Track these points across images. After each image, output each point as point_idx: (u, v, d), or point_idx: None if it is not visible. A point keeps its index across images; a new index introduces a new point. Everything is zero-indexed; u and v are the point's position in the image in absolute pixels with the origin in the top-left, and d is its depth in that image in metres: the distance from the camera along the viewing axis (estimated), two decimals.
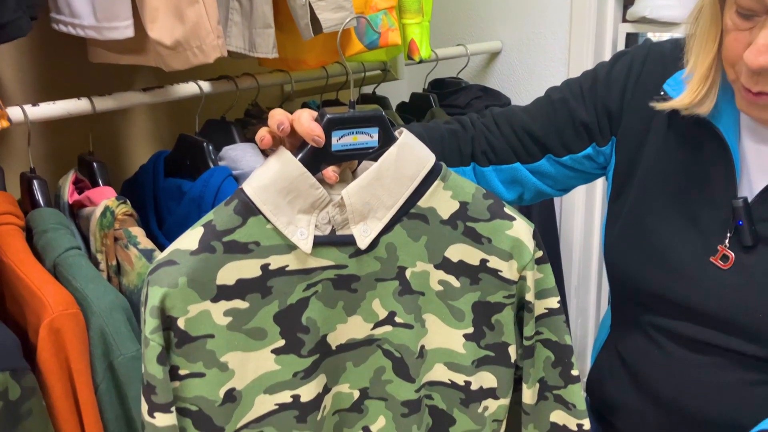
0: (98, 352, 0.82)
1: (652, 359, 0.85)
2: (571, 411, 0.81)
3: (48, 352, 0.78)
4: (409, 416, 0.77)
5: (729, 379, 0.78)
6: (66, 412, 0.79)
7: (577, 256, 1.46)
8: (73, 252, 0.90)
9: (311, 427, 0.74)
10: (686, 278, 0.80)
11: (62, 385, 0.79)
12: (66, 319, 0.78)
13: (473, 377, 0.79)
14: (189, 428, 0.68)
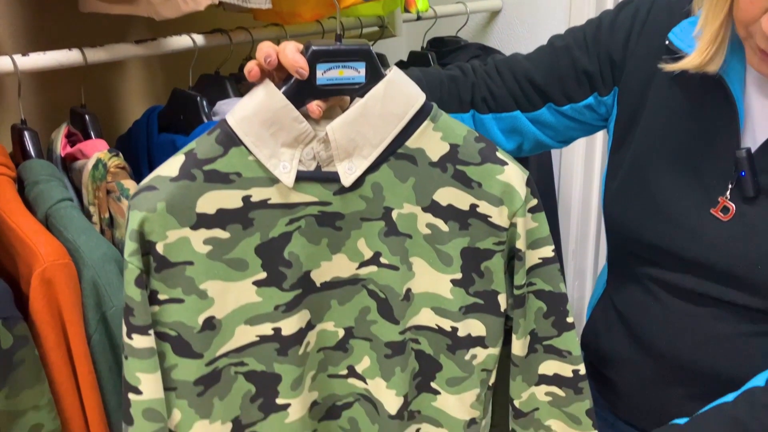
0: (91, 303, 0.82)
1: (648, 311, 0.84)
2: (566, 358, 0.80)
3: (40, 302, 0.78)
4: (392, 357, 0.77)
5: (726, 331, 0.78)
6: (59, 363, 0.79)
7: (575, 219, 1.44)
8: (65, 203, 0.90)
9: (293, 361, 0.73)
10: (686, 230, 0.79)
11: (55, 335, 0.79)
12: (58, 270, 0.78)
13: (460, 324, 0.78)
14: (168, 353, 0.68)
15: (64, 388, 0.80)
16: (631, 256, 0.86)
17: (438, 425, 0.83)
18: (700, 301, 0.79)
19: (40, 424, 0.75)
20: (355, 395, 0.81)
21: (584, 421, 0.82)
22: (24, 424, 0.74)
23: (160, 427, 0.69)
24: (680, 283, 0.80)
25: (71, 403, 0.80)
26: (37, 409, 0.75)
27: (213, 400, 0.71)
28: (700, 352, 0.79)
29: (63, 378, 0.80)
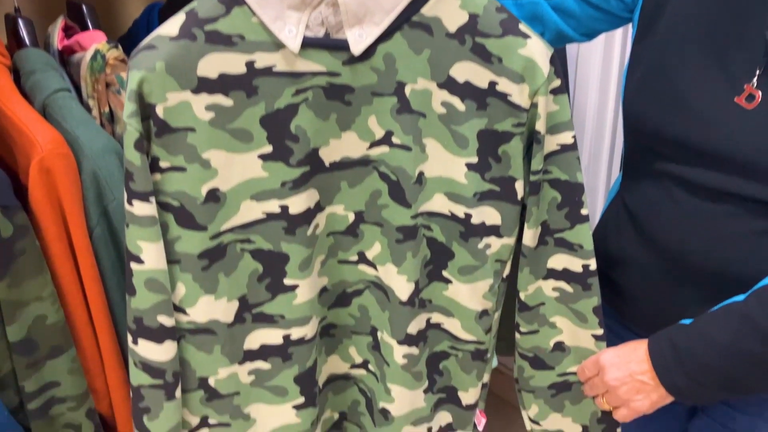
0: (91, 196, 0.80)
1: (661, 210, 0.81)
2: (576, 252, 0.78)
3: (39, 192, 0.76)
4: (403, 242, 0.74)
5: (741, 229, 0.75)
6: (61, 256, 0.78)
7: (589, 134, 1.40)
8: (63, 94, 0.86)
9: (301, 241, 0.71)
10: (708, 120, 0.75)
11: (56, 227, 0.77)
12: (56, 159, 0.75)
13: (474, 210, 0.75)
14: (171, 224, 0.66)
15: (66, 281, 0.79)
16: (648, 153, 0.82)
17: (449, 315, 0.81)
18: (716, 198, 0.76)
19: (44, 315, 0.74)
20: (365, 282, 0.79)
21: (590, 319, 0.80)
22: (27, 314, 0.74)
23: (163, 299, 0.67)
24: (697, 179, 0.77)
25: (74, 297, 0.79)
26: (40, 300, 0.74)
27: (218, 275, 0.70)
28: (712, 251, 0.77)
29: (65, 271, 0.78)
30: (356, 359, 0.84)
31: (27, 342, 0.74)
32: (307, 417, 0.78)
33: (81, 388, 0.78)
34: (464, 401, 0.86)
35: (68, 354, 0.76)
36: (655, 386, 0.75)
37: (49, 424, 0.77)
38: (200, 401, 0.74)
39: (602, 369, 0.78)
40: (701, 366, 0.71)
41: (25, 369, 0.74)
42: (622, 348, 0.78)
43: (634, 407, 0.77)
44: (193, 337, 0.71)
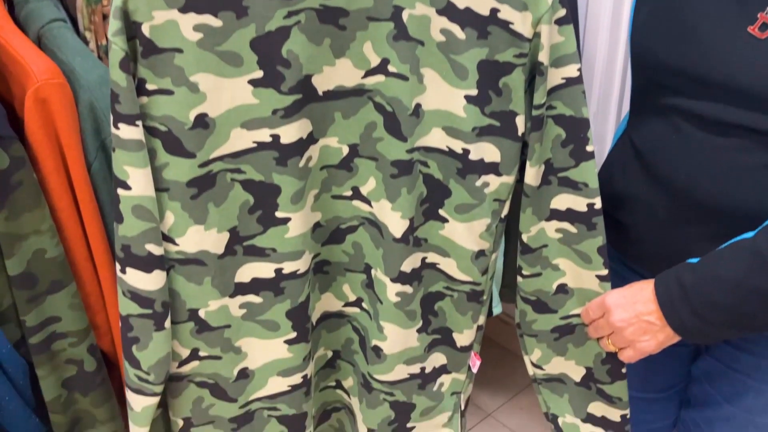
0: (89, 128, 0.78)
1: (669, 146, 0.79)
2: (581, 191, 0.76)
3: (35, 123, 0.74)
4: (398, 178, 0.72)
5: (750, 162, 0.73)
6: (59, 189, 0.77)
7: (599, 80, 1.36)
8: (58, 24, 0.84)
9: (293, 173, 0.69)
10: (719, 50, 0.72)
11: (53, 159, 0.76)
12: (52, 89, 0.73)
13: (473, 146, 0.73)
14: (159, 150, 0.65)
15: (65, 215, 0.78)
16: (656, 88, 0.80)
17: (445, 255, 0.80)
18: (725, 131, 0.74)
19: (43, 249, 0.74)
20: (359, 218, 0.77)
21: (595, 259, 0.79)
22: (26, 248, 0.73)
23: (151, 227, 0.66)
24: (707, 113, 0.74)
25: (73, 231, 0.79)
26: (39, 234, 0.73)
27: (208, 205, 0.68)
28: (721, 186, 0.75)
29: (64, 205, 0.77)
30: (350, 297, 0.83)
31: (26, 276, 0.73)
32: (299, 352, 0.77)
33: (82, 323, 0.78)
34: (459, 343, 0.86)
35: (68, 289, 0.76)
36: (662, 326, 0.74)
37: (51, 358, 0.77)
38: (190, 333, 0.73)
39: (608, 310, 0.77)
40: (709, 304, 0.70)
41: (25, 303, 0.74)
42: (628, 289, 0.77)
43: (641, 348, 0.76)
44: (182, 268, 0.70)
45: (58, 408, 0.78)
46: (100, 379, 0.79)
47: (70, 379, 0.78)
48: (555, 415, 0.89)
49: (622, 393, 0.85)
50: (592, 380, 0.85)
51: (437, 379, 0.87)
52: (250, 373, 0.78)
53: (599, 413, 0.87)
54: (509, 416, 1.63)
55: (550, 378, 0.88)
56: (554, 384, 0.88)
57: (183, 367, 0.75)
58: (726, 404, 0.86)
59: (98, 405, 0.80)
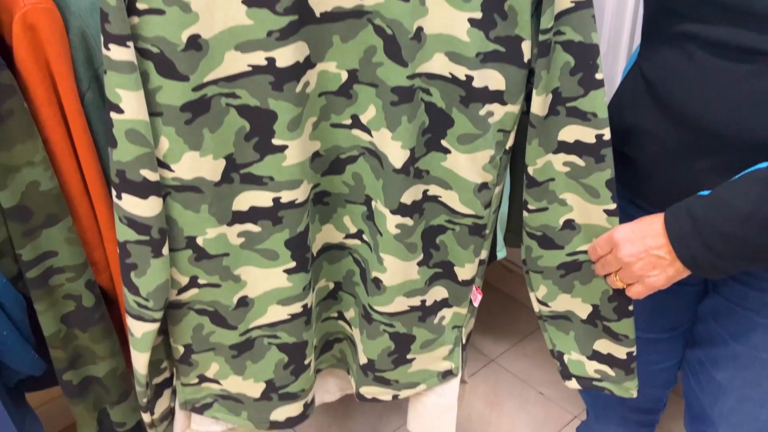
0: (81, 57, 0.75)
1: (681, 75, 0.76)
2: (590, 121, 0.73)
3: (24, 50, 0.71)
4: (399, 105, 0.70)
5: (764, 89, 0.70)
6: (51, 120, 0.74)
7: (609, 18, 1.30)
8: None
9: (289, 98, 0.67)
10: None
11: (44, 89, 0.73)
12: (40, 14, 0.70)
13: (477, 72, 0.71)
14: (151, 72, 0.63)
15: (59, 148, 0.76)
16: (670, 15, 0.76)
17: (447, 187, 0.78)
18: (740, 57, 0.70)
19: (36, 181, 0.72)
20: (359, 148, 0.76)
21: (603, 193, 0.77)
22: (20, 180, 0.72)
23: (146, 152, 0.65)
24: (722, 38, 0.71)
25: (68, 164, 0.77)
26: (32, 166, 0.72)
27: (203, 131, 0.67)
28: (736, 114, 0.72)
29: (57, 137, 0.75)
30: (351, 229, 0.82)
31: (21, 209, 0.72)
32: (298, 281, 0.77)
33: (79, 258, 0.77)
34: (460, 276, 0.85)
35: (64, 223, 0.75)
36: (672, 260, 0.72)
37: (49, 294, 0.77)
38: (189, 261, 0.73)
39: (616, 245, 0.75)
40: (721, 235, 0.68)
41: (21, 237, 0.73)
42: (637, 223, 0.75)
43: (650, 283, 0.74)
44: (179, 195, 0.69)
45: (57, 343, 0.78)
46: (99, 315, 0.79)
47: (68, 315, 0.78)
48: (561, 352, 0.89)
49: (628, 330, 0.84)
50: (599, 317, 0.85)
51: (438, 312, 0.87)
52: (250, 301, 0.78)
53: (605, 350, 0.87)
54: (513, 362, 1.64)
55: (556, 315, 0.87)
56: (560, 321, 0.87)
57: (182, 295, 0.76)
58: (732, 342, 0.86)
59: (98, 341, 0.81)
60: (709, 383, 0.90)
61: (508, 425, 1.48)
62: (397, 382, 0.91)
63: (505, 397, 1.55)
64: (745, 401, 0.87)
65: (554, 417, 1.49)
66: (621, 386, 0.89)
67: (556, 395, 1.54)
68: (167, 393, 0.85)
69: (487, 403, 1.53)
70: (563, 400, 1.53)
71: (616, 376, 0.88)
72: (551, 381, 1.58)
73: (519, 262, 1.81)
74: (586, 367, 0.89)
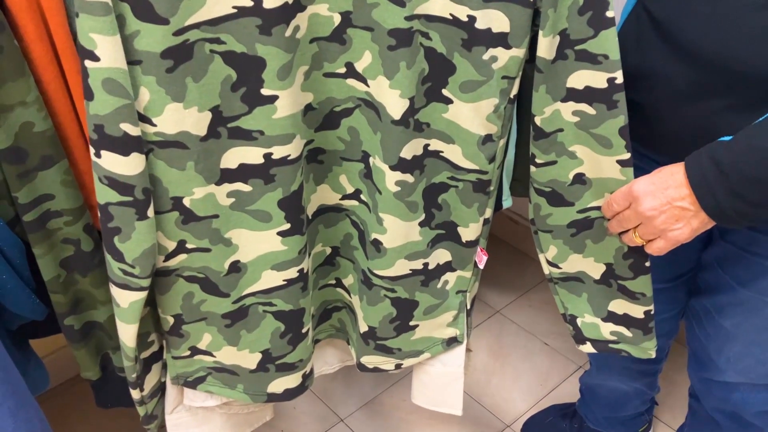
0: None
1: (693, 11, 0.70)
2: (601, 65, 0.68)
3: None
4: (396, 50, 0.65)
5: None
6: (44, 59, 0.70)
7: None
8: None
9: (278, 44, 0.62)
10: None
11: (35, 26, 0.68)
12: None
13: (479, 12, 0.65)
14: (128, 15, 0.58)
15: (52, 88, 0.71)
16: None
17: (449, 141, 0.74)
18: None
19: (30, 122, 0.69)
20: (355, 100, 0.71)
21: (616, 142, 0.72)
22: (13, 121, 0.68)
23: (125, 103, 0.59)
24: None
25: (62, 105, 0.73)
26: (25, 106, 0.68)
27: (186, 80, 0.61)
28: (754, 49, 0.67)
29: (50, 77, 0.71)
30: (347, 189, 0.78)
31: (15, 150, 0.69)
32: (293, 245, 0.73)
33: (77, 202, 0.74)
34: (464, 237, 0.81)
35: (60, 165, 0.72)
36: (696, 211, 0.68)
37: (46, 237, 0.74)
38: (175, 223, 0.69)
39: (636, 199, 0.70)
40: (749, 180, 0.64)
41: (16, 179, 0.70)
42: (657, 174, 0.70)
43: (673, 237, 0.70)
44: (162, 152, 0.64)
45: (57, 288, 0.77)
46: (98, 259, 0.77)
47: (67, 259, 0.76)
48: (573, 316, 0.85)
49: (645, 288, 0.80)
50: (613, 277, 0.81)
51: (441, 276, 0.83)
52: (242, 266, 0.73)
53: (621, 311, 0.83)
54: (518, 313, 1.62)
55: (567, 277, 0.83)
56: (572, 283, 0.83)
57: (170, 261, 0.71)
58: (740, 288, 0.82)
59: (98, 285, 0.79)
60: (715, 330, 0.87)
61: (512, 376, 1.46)
62: (400, 351, 0.87)
63: (510, 348, 1.53)
64: (753, 346, 0.84)
65: (559, 367, 1.48)
66: (639, 347, 0.85)
67: (560, 346, 1.53)
68: (156, 367, 0.81)
69: (492, 353, 1.52)
70: (568, 351, 1.52)
71: (634, 337, 0.84)
72: (556, 332, 1.56)
73: (525, 214, 1.78)
74: (602, 329, 0.85)
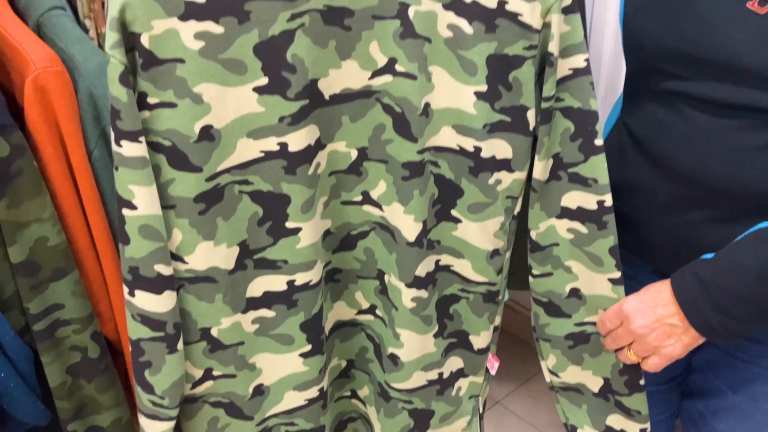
0: (89, 116, 0.77)
1: (670, 130, 0.77)
2: (591, 188, 0.74)
3: (35, 111, 0.73)
4: (410, 180, 0.70)
5: (756, 143, 0.71)
6: (60, 177, 0.75)
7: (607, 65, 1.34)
8: (57, 12, 0.82)
9: (302, 181, 0.67)
10: (718, 28, 0.70)
11: (53, 147, 0.75)
12: (51, 77, 0.72)
13: (484, 143, 0.71)
14: (164, 166, 0.62)
15: (66, 203, 0.77)
16: (653, 72, 0.77)
17: (459, 256, 0.78)
18: (728, 112, 0.72)
19: (45, 237, 0.73)
20: (371, 224, 0.75)
21: (607, 261, 0.76)
22: (28, 236, 0.72)
23: (160, 246, 0.63)
24: (707, 94, 0.72)
25: (76, 219, 0.78)
26: (41, 222, 0.73)
27: (216, 220, 0.65)
28: (727, 167, 0.72)
29: (65, 193, 0.76)
30: (363, 304, 0.80)
31: (29, 264, 0.73)
32: (314, 365, 0.75)
33: (85, 310, 0.77)
34: (476, 345, 0.84)
35: (71, 276, 0.76)
36: (686, 328, 0.71)
37: (55, 345, 0.77)
38: (203, 353, 0.71)
39: (626, 318, 0.73)
40: (733, 297, 0.68)
41: (28, 291, 0.74)
42: (644, 293, 0.74)
43: (667, 353, 0.72)
44: (192, 287, 0.67)
45: (63, 394, 0.78)
46: (104, 365, 0.79)
47: (74, 366, 0.78)
48: (574, 426, 0.87)
49: (640, 406, 0.82)
50: (610, 391, 0.83)
51: (455, 383, 0.85)
52: (266, 389, 0.75)
53: (618, 426, 0.85)
54: (518, 404, 1.62)
55: (568, 387, 0.85)
56: (572, 393, 0.85)
57: (197, 388, 0.73)
58: (731, 393, 0.84)
59: (103, 391, 0.81)
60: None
61: None
62: None
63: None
64: None
65: None
66: None
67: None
68: None
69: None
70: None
71: None
72: (556, 423, 1.56)
73: (524, 302, 1.80)
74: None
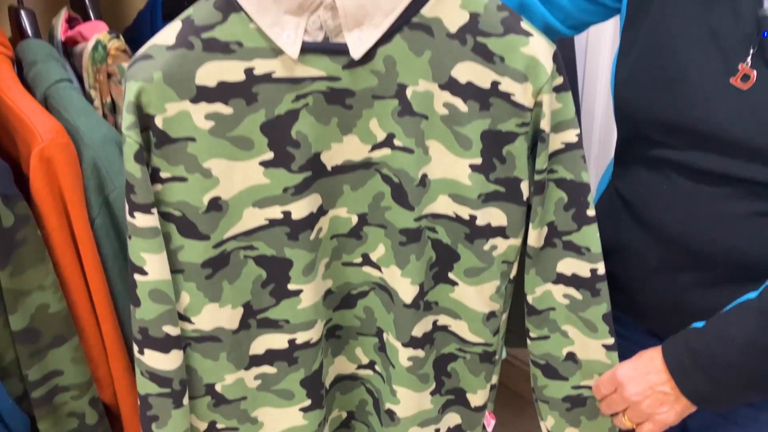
0: (92, 185, 0.80)
1: (659, 196, 0.79)
2: (584, 256, 0.76)
3: (40, 181, 0.76)
4: (407, 245, 0.74)
5: (742, 211, 0.73)
6: (63, 245, 0.78)
7: (599, 122, 1.37)
8: (64, 84, 0.87)
9: (304, 246, 0.71)
10: (704, 102, 0.73)
11: (57, 216, 0.78)
12: (57, 149, 0.76)
13: (479, 212, 0.74)
14: (174, 234, 0.66)
15: (68, 271, 0.79)
16: (643, 140, 0.80)
17: (456, 317, 0.81)
18: (715, 181, 0.74)
19: (46, 304, 0.75)
20: (370, 284, 0.79)
21: (600, 327, 0.78)
22: (30, 303, 0.74)
23: (168, 309, 0.67)
24: (694, 163, 0.75)
25: (77, 286, 0.80)
26: (43, 290, 0.75)
27: (222, 283, 0.70)
28: (713, 233, 0.75)
29: (67, 261, 0.79)
30: (363, 360, 0.84)
31: (30, 331, 0.74)
32: (314, 419, 0.78)
33: (84, 376, 0.78)
34: (473, 403, 0.86)
35: (71, 343, 0.77)
36: (677, 396, 0.72)
37: (52, 412, 0.78)
38: (208, 407, 0.74)
39: (620, 385, 0.75)
40: (722, 367, 0.69)
41: (28, 358, 0.75)
42: (637, 360, 0.75)
43: (661, 420, 0.74)
44: (198, 345, 0.71)
45: None
46: (101, 431, 0.80)
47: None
48: None
49: None
50: None
51: None
52: None
53: None
54: None
55: None
56: None
57: None
58: None
59: None
60: None
61: None
62: None
63: None
64: None
65: None
66: None
67: None
68: None
69: None
70: None
71: None
72: None
73: (521, 357, 1.81)
74: None
